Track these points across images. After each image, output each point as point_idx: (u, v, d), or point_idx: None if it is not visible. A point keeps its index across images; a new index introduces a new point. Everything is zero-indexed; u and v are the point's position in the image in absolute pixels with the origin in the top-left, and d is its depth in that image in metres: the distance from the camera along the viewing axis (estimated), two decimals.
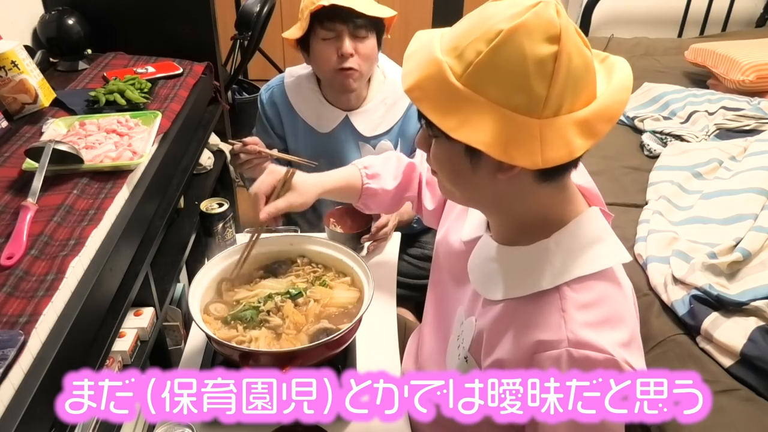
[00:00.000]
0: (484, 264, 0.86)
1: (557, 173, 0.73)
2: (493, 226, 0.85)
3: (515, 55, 0.65)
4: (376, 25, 1.45)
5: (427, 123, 0.72)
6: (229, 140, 1.45)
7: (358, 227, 1.38)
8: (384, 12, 1.43)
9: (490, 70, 0.66)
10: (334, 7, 1.36)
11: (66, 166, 1.07)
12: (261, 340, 0.99)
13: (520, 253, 0.80)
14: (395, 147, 1.61)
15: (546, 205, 0.78)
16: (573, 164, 0.74)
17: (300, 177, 1.03)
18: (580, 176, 0.84)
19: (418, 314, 1.54)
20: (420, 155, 1.18)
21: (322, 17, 1.40)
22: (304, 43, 1.48)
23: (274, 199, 1.01)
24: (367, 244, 1.39)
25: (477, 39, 0.67)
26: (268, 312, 1.04)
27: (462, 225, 0.97)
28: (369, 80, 1.56)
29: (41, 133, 1.23)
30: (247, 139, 1.42)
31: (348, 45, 1.41)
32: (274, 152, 1.44)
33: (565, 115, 0.67)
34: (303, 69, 1.57)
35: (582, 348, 0.71)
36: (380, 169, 1.14)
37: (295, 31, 1.46)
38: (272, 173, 1.02)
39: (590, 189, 0.85)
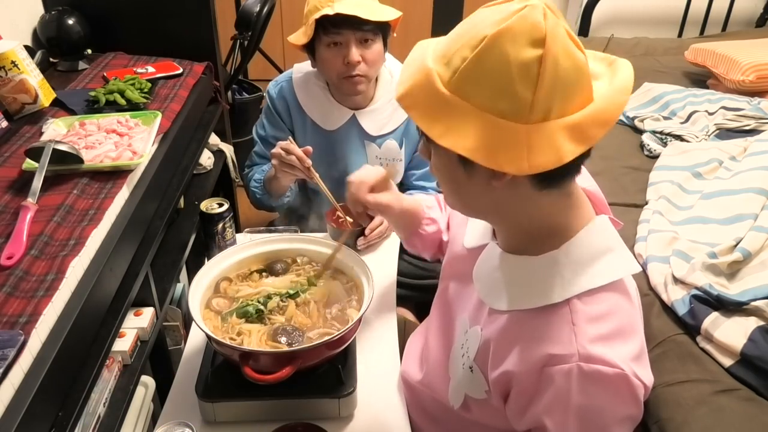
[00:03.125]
0: (490, 273, 0.84)
1: (556, 179, 0.72)
2: (499, 233, 0.84)
3: (499, 61, 0.64)
4: (382, 29, 1.43)
5: (421, 131, 0.72)
6: (290, 139, 1.37)
7: (359, 223, 1.37)
8: (389, 15, 1.42)
9: (474, 76, 0.66)
10: (339, 15, 1.35)
11: (66, 166, 1.07)
12: (254, 334, 0.99)
13: (528, 263, 0.79)
14: (400, 147, 1.61)
15: (551, 213, 0.76)
16: (575, 170, 0.73)
17: (391, 183, 1.09)
18: (584, 180, 0.83)
19: (418, 314, 1.54)
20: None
21: (327, 24, 1.38)
22: (309, 47, 1.47)
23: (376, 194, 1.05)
24: (361, 244, 1.39)
25: (463, 45, 0.67)
26: (270, 311, 1.05)
27: (463, 231, 0.97)
28: (376, 80, 1.56)
29: (41, 133, 1.23)
30: (308, 149, 1.36)
31: (354, 53, 1.40)
32: (317, 177, 1.36)
33: (555, 120, 0.66)
34: (311, 66, 1.56)
35: (592, 362, 0.70)
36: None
37: (300, 37, 1.46)
38: (374, 171, 1.06)
39: (595, 193, 0.84)
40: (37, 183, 0.99)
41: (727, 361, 1.13)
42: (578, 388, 0.71)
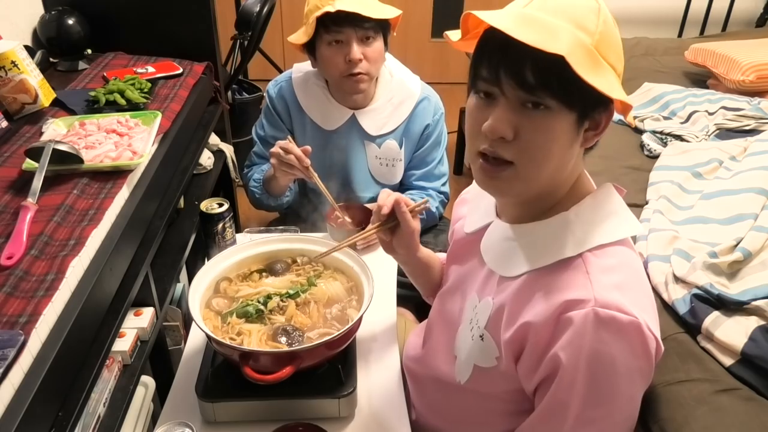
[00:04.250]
0: (500, 243, 0.87)
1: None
2: (514, 210, 0.86)
3: (614, 27, 0.74)
4: (383, 27, 1.44)
5: (550, 93, 0.70)
6: (289, 138, 1.36)
7: (359, 223, 1.38)
8: (390, 13, 1.42)
9: (608, 38, 0.73)
10: (340, 13, 1.35)
11: (66, 166, 1.07)
12: (254, 334, 0.99)
13: (540, 227, 0.82)
14: (400, 146, 1.61)
15: (574, 172, 0.82)
16: None
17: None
18: None
19: (418, 314, 1.54)
20: None
21: (328, 22, 1.38)
22: (310, 47, 1.47)
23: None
24: (360, 244, 1.39)
25: (584, 11, 0.72)
26: (270, 311, 1.04)
27: (463, 224, 0.98)
28: (376, 79, 1.56)
29: (41, 133, 1.23)
30: (307, 149, 1.34)
31: (356, 50, 1.40)
32: (315, 176, 1.34)
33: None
34: (310, 66, 1.56)
35: (608, 308, 0.72)
36: None
37: (300, 36, 1.46)
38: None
39: None
40: (37, 183, 0.99)
41: (728, 361, 1.13)
42: (593, 333, 0.72)
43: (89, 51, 1.67)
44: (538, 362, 0.78)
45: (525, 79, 0.70)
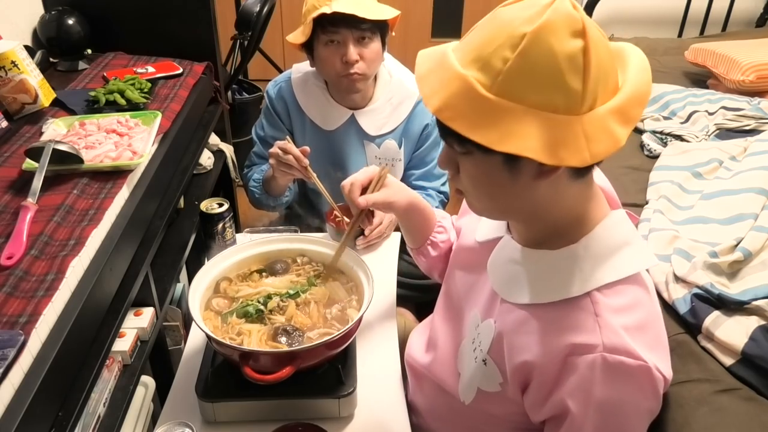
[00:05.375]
0: (506, 265, 0.85)
1: (589, 168, 0.73)
2: (520, 229, 0.84)
3: (545, 55, 0.64)
4: (380, 28, 1.44)
5: (457, 140, 0.70)
6: (288, 138, 1.35)
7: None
8: (387, 13, 1.42)
9: (523, 75, 0.64)
10: (336, 14, 1.35)
11: (66, 166, 1.07)
12: (254, 334, 0.99)
13: (547, 257, 0.79)
14: (399, 146, 1.61)
15: (577, 204, 0.77)
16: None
17: (392, 178, 1.06)
18: (597, 176, 0.84)
19: (418, 314, 1.54)
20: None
21: (325, 23, 1.39)
22: (308, 47, 1.48)
23: (370, 193, 1.03)
24: (360, 244, 1.39)
25: (500, 47, 0.65)
26: (270, 311, 1.04)
27: (475, 224, 0.97)
28: (375, 79, 1.56)
29: (41, 133, 1.23)
30: (305, 149, 1.34)
31: (352, 51, 1.40)
32: (314, 177, 1.34)
33: (601, 107, 0.66)
34: (310, 66, 1.56)
35: (617, 354, 0.70)
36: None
37: (298, 36, 1.46)
38: (367, 170, 1.05)
39: (607, 189, 0.85)
40: (37, 183, 0.99)
41: (728, 360, 1.12)
42: (602, 379, 0.71)
43: (89, 51, 1.67)
44: (543, 401, 0.77)
45: (440, 125, 0.71)
